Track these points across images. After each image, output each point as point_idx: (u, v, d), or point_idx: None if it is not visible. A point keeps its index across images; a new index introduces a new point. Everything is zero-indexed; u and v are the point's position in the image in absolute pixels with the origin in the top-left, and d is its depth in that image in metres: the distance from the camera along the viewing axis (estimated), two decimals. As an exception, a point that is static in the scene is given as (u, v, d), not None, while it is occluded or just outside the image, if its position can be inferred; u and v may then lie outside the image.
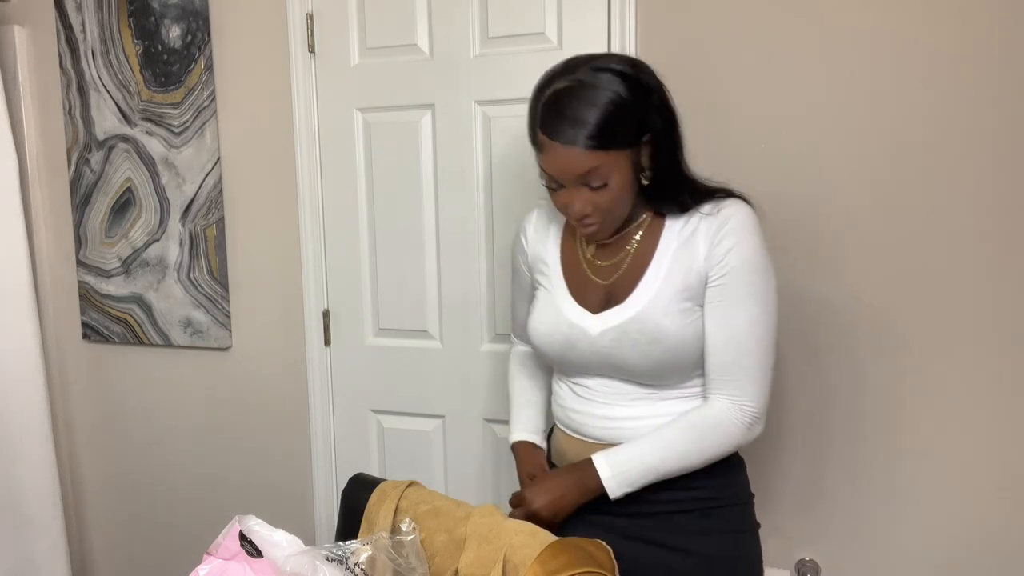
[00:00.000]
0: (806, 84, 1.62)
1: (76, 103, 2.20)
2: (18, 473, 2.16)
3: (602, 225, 1.25)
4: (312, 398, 2.09)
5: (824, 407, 1.70)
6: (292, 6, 1.95)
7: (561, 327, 1.32)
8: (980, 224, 1.56)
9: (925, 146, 1.57)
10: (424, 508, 1.33)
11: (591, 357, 1.30)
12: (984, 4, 1.50)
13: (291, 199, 2.04)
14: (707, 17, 1.66)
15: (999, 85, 1.52)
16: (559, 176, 1.21)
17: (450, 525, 1.29)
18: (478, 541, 1.26)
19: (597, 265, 1.33)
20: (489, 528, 1.26)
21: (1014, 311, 1.56)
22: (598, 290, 1.31)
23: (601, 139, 1.16)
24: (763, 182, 1.65)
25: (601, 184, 1.19)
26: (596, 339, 1.28)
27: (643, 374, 1.27)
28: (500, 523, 1.26)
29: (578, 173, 1.18)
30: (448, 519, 1.30)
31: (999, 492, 1.62)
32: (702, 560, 1.27)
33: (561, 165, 1.19)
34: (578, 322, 1.30)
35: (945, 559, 1.66)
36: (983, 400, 1.60)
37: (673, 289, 1.24)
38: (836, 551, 1.73)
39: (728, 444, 1.25)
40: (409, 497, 1.36)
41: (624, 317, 1.26)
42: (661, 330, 1.23)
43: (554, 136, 1.18)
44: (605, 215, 1.23)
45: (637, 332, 1.24)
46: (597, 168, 1.17)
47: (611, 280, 1.30)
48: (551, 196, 1.26)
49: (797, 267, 1.65)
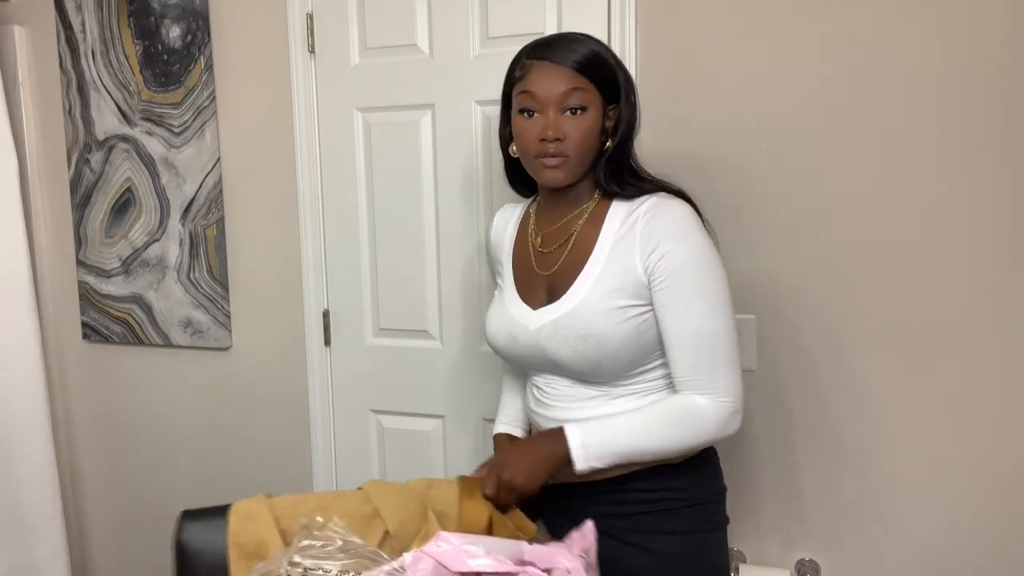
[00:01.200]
0: (806, 83, 1.62)
1: (76, 103, 2.20)
2: (18, 473, 2.15)
3: (567, 162, 1.24)
4: (312, 398, 2.09)
5: (824, 407, 1.69)
6: (292, 6, 1.95)
7: (505, 324, 1.35)
8: (972, 222, 1.56)
9: (925, 145, 1.57)
10: (310, 507, 1.21)
11: (532, 352, 1.31)
12: (984, 4, 1.51)
13: (291, 199, 2.04)
14: (707, 17, 1.66)
15: (999, 85, 1.52)
16: (542, 93, 1.23)
17: (350, 509, 1.20)
18: (395, 506, 1.21)
19: (543, 254, 1.34)
20: (395, 493, 1.23)
21: (1013, 311, 1.56)
22: (541, 284, 1.33)
23: (588, 67, 1.23)
24: (762, 181, 1.65)
25: (580, 107, 1.23)
26: (533, 334, 1.30)
27: (578, 371, 1.27)
28: (401, 487, 1.25)
29: (562, 90, 1.22)
30: (344, 504, 1.21)
31: (1000, 492, 1.61)
32: (662, 556, 1.27)
33: (547, 81, 1.23)
34: (519, 319, 1.32)
35: (945, 559, 1.66)
36: (983, 400, 1.60)
37: (606, 287, 1.23)
38: (836, 551, 1.73)
39: (704, 435, 1.22)
40: (279, 506, 1.23)
41: (558, 313, 1.27)
42: (590, 327, 1.23)
43: (544, 57, 1.24)
44: (575, 148, 1.23)
45: (567, 328, 1.25)
46: (581, 90, 1.22)
47: (552, 271, 1.31)
48: (522, 129, 1.26)
49: (791, 265, 1.66)
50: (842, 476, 1.70)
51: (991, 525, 1.63)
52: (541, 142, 1.24)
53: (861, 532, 1.71)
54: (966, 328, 1.59)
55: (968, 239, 1.56)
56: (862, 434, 1.68)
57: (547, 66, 1.23)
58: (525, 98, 1.25)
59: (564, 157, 1.24)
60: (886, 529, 1.69)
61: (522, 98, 1.25)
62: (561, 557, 1.10)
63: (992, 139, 1.53)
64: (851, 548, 1.72)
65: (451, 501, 1.24)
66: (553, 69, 1.23)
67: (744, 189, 1.44)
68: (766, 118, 1.65)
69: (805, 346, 1.68)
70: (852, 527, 1.71)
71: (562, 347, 1.26)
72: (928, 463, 1.65)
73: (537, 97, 1.23)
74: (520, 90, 1.26)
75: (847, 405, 1.68)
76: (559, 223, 1.33)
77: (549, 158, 1.24)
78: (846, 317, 1.65)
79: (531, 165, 1.28)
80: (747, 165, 1.65)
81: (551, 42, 1.26)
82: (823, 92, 1.61)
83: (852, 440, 1.69)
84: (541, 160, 1.25)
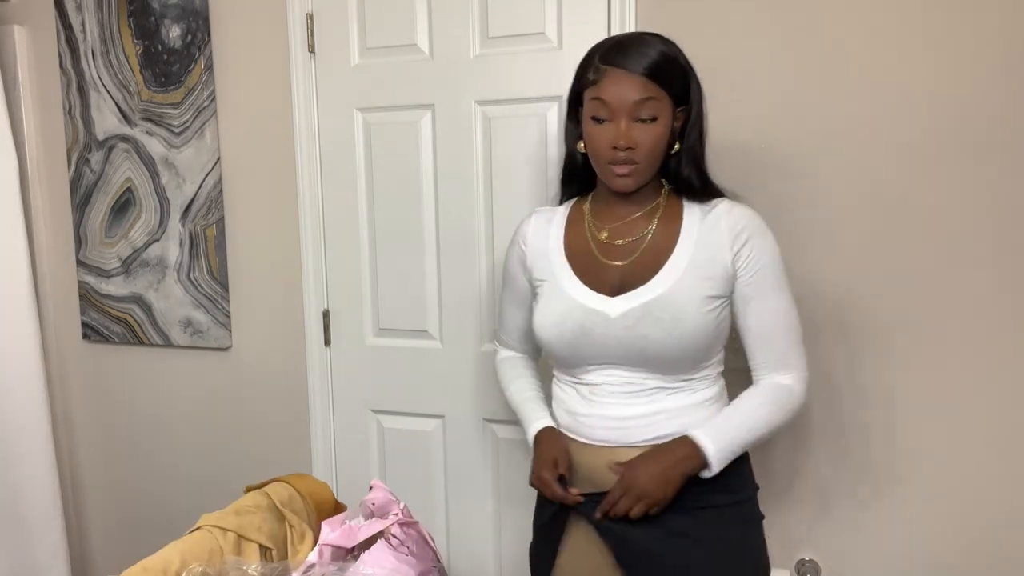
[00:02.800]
0: (806, 83, 1.62)
1: (76, 103, 2.20)
2: (18, 473, 2.15)
3: (637, 168, 1.28)
4: (312, 398, 2.09)
5: (824, 407, 1.70)
6: (292, 6, 1.95)
7: (574, 314, 1.32)
8: (974, 220, 1.56)
9: (923, 144, 1.57)
10: (176, 566, 1.35)
11: (607, 342, 1.30)
12: (984, 3, 1.51)
13: (291, 199, 2.04)
14: (707, 17, 1.66)
15: (998, 83, 1.52)
16: (615, 103, 1.24)
17: (212, 545, 1.42)
18: (256, 524, 1.46)
19: (615, 246, 1.34)
20: (243, 513, 1.49)
21: (1016, 310, 1.56)
22: (612, 274, 1.33)
23: (660, 73, 1.25)
24: (763, 179, 1.65)
25: (651, 118, 1.25)
26: (615, 321, 1.29)
27: (663, 354, 1.28)
28: (237, 506, 1.51)
29: (635, 100, 1.24)
30: (201, 546, 1.40)
31: (1000, 492, 1.61)
32: (718, 551, 1.30)
33: (621, 90, 1.24)
34: (595, 306, 1.31)
35: (945, 559, 1.66)
36: (983, 400, 1.60)
37: (697, 276, 1.28)
38: (836, 551, 1.73)
39: (794, 411, 1.34)
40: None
41: (649, 296, 1.28)
42: (682, 310, 1.26)
43: (617, 64, 1.25)
44: (645, 156, 1.27)
45: (661, 310, 1.27)
46: (653, 99, 1.25)
47: (629, 261, 1.32)
48: (594, 134, 1.28)
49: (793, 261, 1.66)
50: (842, 476, 1.70)
51: (993, 526, 1.63)
52: (612, 150, 1.26)
53: (861, 532, 1.71)
54: (967, 328, 1.59)
55: (984, 237, 1.56)
56: (863, 434, 1.68)
57: (620, 74, 1.24)
58: (597, 105, 1.27)
59: (634, 164, 1.27)
60: (887, 529, 1.69)
61: (594, 104, 1.28)
62: (391, 505, 1.45)
63: (991, 139, 1.53)
64: (851, 548, 1.72)
65: (292, 495, 1.57)
66: (626, 77, 1.24)
67: (744, 186, 1.45)
68: (766, 118, 1.65)
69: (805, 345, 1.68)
70: (852, 527, 1.71)
71: (655, 329, 1.27)
72: (929, 463, 1.65)
73: (610, 106, 1.25)
74: (592, 96, 1.28)
75: (848, 405, 1.68)
76: (628, 219, 1.35)
77: (620, 165, 1.28)
78: (848, 317, 1.65)
79: (602, 170, 1.32)
80: (746, 163, 1.65)
81: (624, 46, 1.27)
82: (823, 93, 1.61)
83: (853, 440, 1.69)
84: (612, 167, 1.29)
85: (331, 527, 1.41)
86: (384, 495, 1.47)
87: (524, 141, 1.82)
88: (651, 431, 1.30)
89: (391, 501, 1.47)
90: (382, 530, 1.40)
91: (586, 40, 1.71)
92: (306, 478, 1.66)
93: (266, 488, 1.59)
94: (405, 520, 1.43)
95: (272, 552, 1.47)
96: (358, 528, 1.41)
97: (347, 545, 1.39)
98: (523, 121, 1.81)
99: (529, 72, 1.79)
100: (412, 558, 1.40)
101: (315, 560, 1.36)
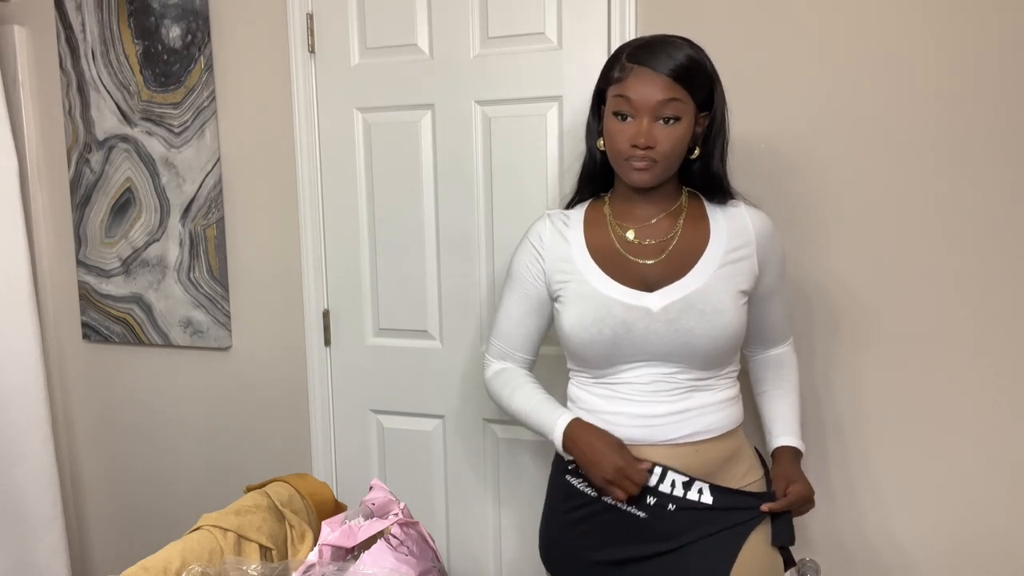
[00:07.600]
0: (806, 83, 1.62)
1: (76, 103, 2.20)
2: (18, 473, 2.15)
3: (655, 166, 1.29)
4: (312, 398, 2.09)
5: (825, 407, 1.70)
6: (292, 6, 1.95)
7: (614, 311, 1.31)
8: (969, 220, 1.56)
9: (922, 143, 1.57)
10: (176, 566, 1.37)
11: (648, 336, 1.30)
12: (984, 3, 1.51)
13: (291, 199, 2.04)
14: (707, 18, 1.66)
15: (997, 84, 1.52)
16: (639, 101, 1.26)
17: (214, 545, 1.43)
18: (255, 524, 1.48)
19: (644, 245, 1.36)
20: (243, 513, 1.50)
21: (1012, 310, 1.56)
22: (643, 271, 1.34)
23: (686, 76, 1.26)
24: (763, 180, 1.65)
25: (674, 118, 1.26)
26: (658, 315, 1.30)
27: (706, 346, 1.30)
28: (236, 506, 1.52)
29: (659, 99, 1.25)
30: (203, 545, 1.42)
31: (1000, 491, 1.62)
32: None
33: (645, 88, 1.26)
34: (635, 302, 1.31)
35: (945, 558, 1.66)
36: (983, 400, 1.60)
37: (731, 272, 1.33)
38: (836, 551, 1.73)
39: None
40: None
41: (688, 290, 1.30)
42: (721, 302, 1.30)
43: (644, 62, 1.27)
44: (664, 156, 1.28)
45: (702, 302, 1.29)
46: (676, 101, 1.26)
47: (658, 259, 1.34)
48: (615, 131, 1.30)
49: (793, 265, 1.66)
50: (843, 476, 1.70)
51: (994, 526, 1.63)
52: (632, 147, 1.28)
53: (861, 533, 1.71)
54: (967, 328, 1.59)
55: (977, 238, 1.56)
56: (863, 434, 1.68)
57: (646, 72, 1.26)
58: (621, 102, 1.28)
59: (652, 161, 1.29)
60: (887, 530, 1.69)
61: (618, 101, 1.29)
62: (391, 505, 1.48)
63: (990, 139, 1.53)
64: (851, 548, 1.72)
65: (292, 495, 1.60)
66: (652, 77, 1.26)
67: (744, 188, 1.45)
68: (765, 118, 1.65)
69: (805, 346, 1.68)
70: (852, 527, 1.71)
71: (699, 321, 1.29)
72: (930, 464, 1.65)
73: (633, 103, 1.27)
74: (616, 92, 1.29)
75: (848, 405, 1.68)
76: (654, 218, 1.37)
77: (638, 161, 1.29)
78: (848, 317, 1.65)
79: (619, 166, 1.33)
80: (745, 164, 1.65)
81: (652, 46, 1.28)
82: (824, 94, 1.61)
83: (853, 440, 1.69)
84: (630, 162, 1.30)
85: (331, 527, 1.41)
86: (384, 495, 1.47)
87: (524, 141, 1.82)
88: (677, 430, 1.32)
89: (391, 501, 1.47)
90: (382, 530, 1.41)
91: (586, 40, 1.73)
92: (306, 478, 1.66)
93: (266, 488, 1.59)
94: (405, 520, 1.43)
95: (272, 552, 1.47)
96: (358, 528, 1.41)
97: (347, 545, 1.39)
98: (523, 121, 1.81)
99: (529, 72, 1.79)
100: (412, 558, 1.40)
101: (315, 560, 1.36)
